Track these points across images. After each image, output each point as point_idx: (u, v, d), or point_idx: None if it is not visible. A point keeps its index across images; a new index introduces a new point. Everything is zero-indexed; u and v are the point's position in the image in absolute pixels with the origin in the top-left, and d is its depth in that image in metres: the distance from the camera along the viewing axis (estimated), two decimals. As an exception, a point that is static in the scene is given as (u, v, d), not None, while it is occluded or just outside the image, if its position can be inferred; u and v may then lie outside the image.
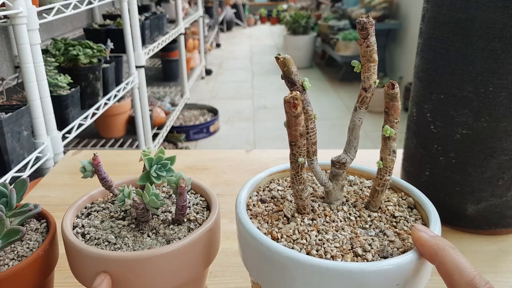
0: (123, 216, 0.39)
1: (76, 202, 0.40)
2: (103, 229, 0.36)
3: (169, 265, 0.33)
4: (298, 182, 0.33)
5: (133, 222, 0.37)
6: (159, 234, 0.36)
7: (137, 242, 0.35)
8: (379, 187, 0.35)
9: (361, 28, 0.31)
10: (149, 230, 0.37)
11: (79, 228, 0.37)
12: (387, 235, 0.32)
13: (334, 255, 0.30)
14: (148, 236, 0.36)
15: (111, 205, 0.41)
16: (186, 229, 0.37)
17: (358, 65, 0.33)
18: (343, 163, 0.35)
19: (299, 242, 0.31)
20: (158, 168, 0.37)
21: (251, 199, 0.38)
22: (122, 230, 0.36)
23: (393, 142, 0.33)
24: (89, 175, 0.37)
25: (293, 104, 0.29)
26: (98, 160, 0.36)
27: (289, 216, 0.35)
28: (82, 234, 0.36)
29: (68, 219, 0.37)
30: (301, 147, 0.32)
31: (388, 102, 0.32)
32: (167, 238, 0.35)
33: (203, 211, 0.39)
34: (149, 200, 0.35)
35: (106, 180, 0.38)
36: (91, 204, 0.41)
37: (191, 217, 0.38)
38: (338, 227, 0.33)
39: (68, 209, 0.38)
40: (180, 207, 0.36)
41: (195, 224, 0.37)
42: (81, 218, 0.39)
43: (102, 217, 0.39)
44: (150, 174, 0.36)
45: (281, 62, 0.31)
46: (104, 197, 0.42)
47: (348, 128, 0.35)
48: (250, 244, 0.31)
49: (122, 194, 0.37)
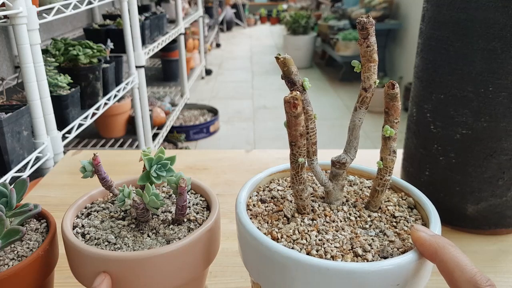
0: (123, 216, 0.39)
1: (76, 202, 0.40)
2: (103, 229, 0.36)
3: (169, 265, 0.33)
4: (298, 182, 0.33)
5: (133, 222, 0.37)
6: (159, 234, 0.36)
7: (137, 242, 0.35)
8: (379, 187, 0.35)
9: (361, 28, 0.31)
10: (149, 230, 0.37)
11: (79, 228, 0.37)
12: (387, 235, 0.32)
13: (334, 255, 0.30)
14: (148, 236, 0.36)
15: (111, 205, 0.40)
16: (186, 229, 0.37)
17: (358, 65, 0.33)
18: (343, 163, 0.35)
19: (299, 242, 0.31)
20: (158, 168, 0.37)
21: (251, 199, 0.38)
22: (122, 230, 0.36)
23: (393, 142, 0.33)
24: (89, 175, 0.37)
25: (293, 104, 0.29)
26: (98, 160, 0.36)
27: (289, 216, 0.35)
28: (82, 234, 0.36)
29: (68, 219, 0.37)
30: (301, 147, 0.31)
31: (388, 102, 0.32)
32: (167, 238, 0.35)
33: (203, 211, 0.39)
34: (149, 200, 0.35)
35: (106, 180, 0.38)
36: (91, 204, 0.41)
37: (191, 217, 0.38)
38: (338, 227, 0.33)
39: (68, 209, 0.38)
40: (180, 207, 0.36)
41: (195, 224, 0.37)
42: (81, 218, 0.39)
43: (102, 217, 0.38)
44: (150, 174, 0.36)
45: (281, 62, 0.31)
46: (104, 197, 0.42)
47: (348, 128, 0.35)
48: (250, 244, 0.31)
49: (122, 194, 0.37)
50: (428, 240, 0.29)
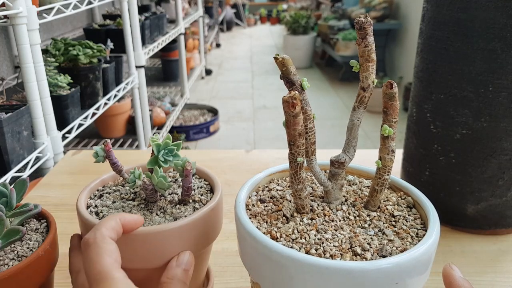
0: (133, 198, 0.41)
1: (89, 185, 0.42)
2: (115, 209, 0.39)
3: (177, 239, 0.35)
4: (297, 181, 0.33)
5: (142, 203, 0.40)
6: (167, 213, 0.39)
7: (147, 219, 0.37)
8: (378, 187, 0.35)
9: (359, 28, 0.31)
10: (157, 209, 0.39)
11: (92, 208, 0.39)
12: (386, 234, 0.32)
13: (333, 254, 0.30)
14: (156, 214, 0.38)
15: (121, 188, 0.43)
16: (191, 209, 0.39)
17: (357, 64, 0.33)
18: (342, 162, 0.35)
19: (298, 242, 0.31)
20: (165, 153, 0.39)
21: (251, 199, 0.38)
22: (133, 209, 0.39)
23: (391, 141, 0.33)
24: (101, 160, 0.40)
25: (292, 104, 0.29)
26: (109, 146, 0.39)
27: (288, 216, 0.35)
28: (96, 212, 0.38)
29: (82, 200, 0.39)
30: (300, 146, 0.32)
31: (386, 102, 0.32)
32: (174, 216, 0.38)
33: (207, 193, 0.42)
34: (157, 181, 0.38)
35: (116, 165, 0.41)
36: (102, 187, 0.43)
37: (196, 198, 0.41)
38: (337, 226, 0.33)
39: (82, 191, 0.40)
40: (186, 188, 0.39)
41: (199, 204, 0.40)
42: (94, 199, 0.41)
43: (113, 198, 0.41)
44: (158, 159, 0.39)
45: (280, 62, 0.31)
46: (114, 181, 0.45)
47: (347, 128, 0.35)
48: (249, 243, 0.32)
49: (133, 176, 0.40)
50: (457, 280, 0.30)
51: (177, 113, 2.75)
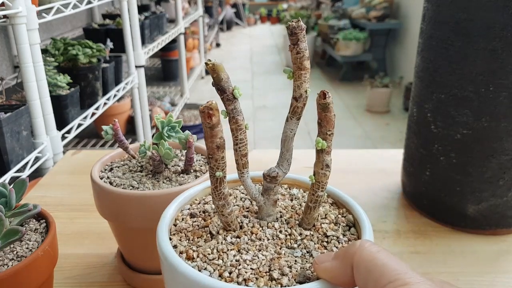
0: (140, 170, 0.46)
1: (100, 160, 0.47)
2: (126, 178, 0.44)
3: None
4: (218, 197, 0.31)
5: (149, 174, 0.45)
6: (172, 180, 0.44)
7: (156, 186, 0.43)
8: (311, 204, 0.32)
9: (291, 33, 0.29)
10: (163, 178, 0.44)
11: (105, 179, 0.44)
12: (313, 256, 0.30)
13: (247, 278, 0.28)
14: (163, 182, 0.44)
15: (129, 162, 0.48)
16: (193, 177, 0.45)
17: (290, 72, 0.30)
18: (274, 176, 0.33)
19: (214, 263, 0.29)
20: (168, 130, 0.45)
21: (182, 213, 0.35)
22: (142, 178, 0.44)
23: (326, 155, 0.31)
24: (110, 138, 0.44)
25: (208, 114, 0.27)
26: (117, 125, 0.44)
27: (214, 233, 0.32)
28: (110, 182, 0.43)
29: (96, 171, 0.44)
30: (219, 160, 0.30)
31: (320, 113, 0.30)
32: (179, 183, 0.44)
33: (205, 165, 0.48)
34: (164, 152, 0.43)
35: (123, 142, 0.45)
36: (111, 163, 0.48)
37: (197, 168, 0.46)
38: (262, 246, 0.31)
39: (94, 165, 0.45)
40: (189, 159, 0.44)
41: (200, 173, 0.45)
42: (105, 172, 0.46)
43: (123, 171, 0.46)
44: (163, 134, 0.44)
45: (210, 68, 0.29)
46: (121, 157, 0.50)
47: (281, 140, 0.33)
48: (162, 261, 0.29)
49: (144, 147, 0.45)
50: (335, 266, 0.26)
51: (177, 113, 2.75)
